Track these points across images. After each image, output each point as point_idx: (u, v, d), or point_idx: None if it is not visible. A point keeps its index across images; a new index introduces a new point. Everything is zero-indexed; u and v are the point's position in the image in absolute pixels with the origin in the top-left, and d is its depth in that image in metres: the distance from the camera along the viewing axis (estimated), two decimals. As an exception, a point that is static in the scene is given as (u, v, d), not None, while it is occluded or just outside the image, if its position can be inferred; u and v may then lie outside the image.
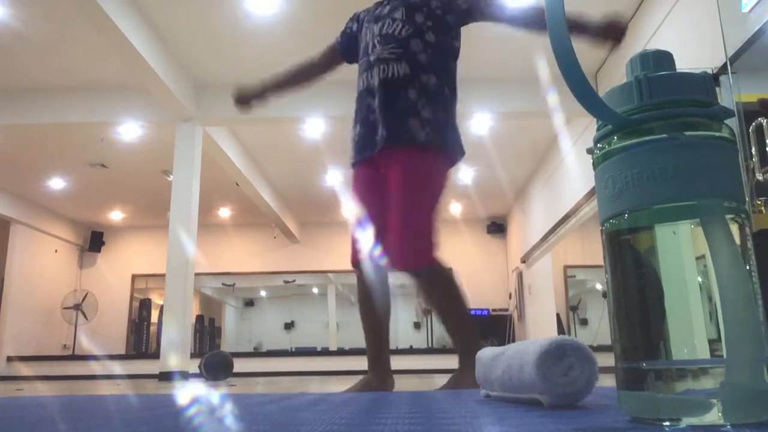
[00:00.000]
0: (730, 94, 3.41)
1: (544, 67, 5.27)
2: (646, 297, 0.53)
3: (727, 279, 0.49)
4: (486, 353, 0.95)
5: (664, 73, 0.55)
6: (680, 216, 0.51)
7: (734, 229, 0.51)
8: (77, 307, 9.99)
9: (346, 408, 0.90)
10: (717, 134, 0.53)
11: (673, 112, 0.52)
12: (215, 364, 5.58)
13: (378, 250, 1.96)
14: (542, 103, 5.55)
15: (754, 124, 3.21)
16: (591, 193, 5.91)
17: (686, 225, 0.51)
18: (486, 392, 0.97)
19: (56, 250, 10.09)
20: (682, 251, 0.52)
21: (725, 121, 0.54)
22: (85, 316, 10.03)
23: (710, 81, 0.55)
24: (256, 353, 11.33)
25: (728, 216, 0.51)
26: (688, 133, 0.52)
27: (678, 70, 0.56)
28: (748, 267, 0.50)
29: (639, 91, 0.54)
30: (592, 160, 0.59)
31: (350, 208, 2.10)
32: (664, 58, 0.56)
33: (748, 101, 3.34)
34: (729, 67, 3.42)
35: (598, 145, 0.57)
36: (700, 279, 0.51)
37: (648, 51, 0.57)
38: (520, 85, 5.84)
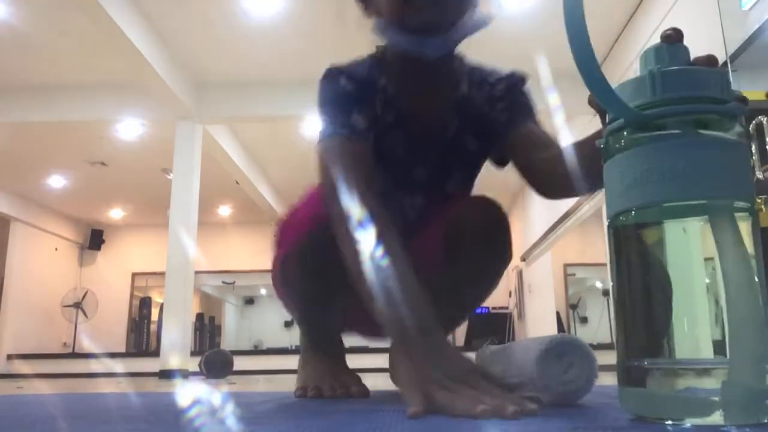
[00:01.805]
0: (730, 93, 3.41)
1: (545, 66, 5.27)
2: (652, 294, 0.52)
3: (734, 280, 0.49)
4: (486, 352, 0.95)
5: (678, 68, 0.53)
6: (689, 214, 0.51)
7: (744, 229, 0.51)
8: (77, 305, 9.99)
9: (346, 405, 0.90)
10: (730, 132, 0.52)
11: (687, 108, 0.51)
12: (215, 362, 5.58)
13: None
14: (542, 102, 5.55)
15: (754, 122, 3.21)
16: (591, 192, 5.89)
17: (695, 222, 0.51)
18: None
19: (56, 249, 10.09)
20: (691, 249, 0.52)
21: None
22: (85, 314, 10.03)
23: (726, 78, 0.54)
24: (256, 351, 11.33)
25: (738, 216, 0.51)
26: (701, 130, 0.51)
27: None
28: (755, 269, 0.50)
29: (652, 85, 0.53)
30: (601, 154, 0.58)
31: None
32: (678, 52, 0.55)
33: (749, 99, 3.33)
34: (729, 65, 3.41)
35: (609, 138, 0.57)
36: (707, 280, 0.50)
37: (663, 44, 0.56)
38: (520, 84, 5.83)
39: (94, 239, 10.64)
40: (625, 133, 0.54)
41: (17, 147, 7.21)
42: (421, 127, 1.06)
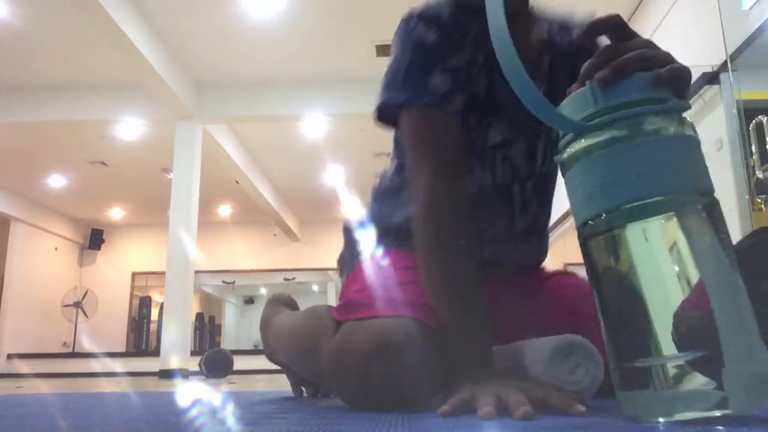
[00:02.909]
0: (730, 92, 3.41)
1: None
2: (628, 296, 0.53)
3: (710, 269, 0.50)
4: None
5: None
6: (653, 212, 0.52)
7: (707, 218, 0.52)
8: (77, 305, 9.99)
9: (346, 405, 0.90)
10: (676, 129, 0.53)
11: (629, 112, 0.53)
12: (215, 362, 5.58)
13: None
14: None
15: (754, 122, 3.21)
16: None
17: (658, 221, 0.52)
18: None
19: (56, 248, 10.09)
20: (656, 246, 0.53)
21: (683, 115, 0.55)
22: (85, 314, 10.03)
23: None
24: (257, 351, 11.32)
25: (699, 206, 0.52)
26: (646, 130, 0.53)
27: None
28: (726, 254, 0.51)
29: (593, 96, 0.55)
30: (559, 168, 0.59)
31: None
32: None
33: (749, 99, 3.33)
34: (729, 65, 3.41)
35: (563, 152, 0.58)
36: (676, 268, 0.51)
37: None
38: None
39: (94, 239, 10.64)
40: (577, 144, 0.56)
41: (17, 147, 7.21)
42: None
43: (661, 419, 0.50)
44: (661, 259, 0.52)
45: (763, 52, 3.27)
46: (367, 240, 1.04)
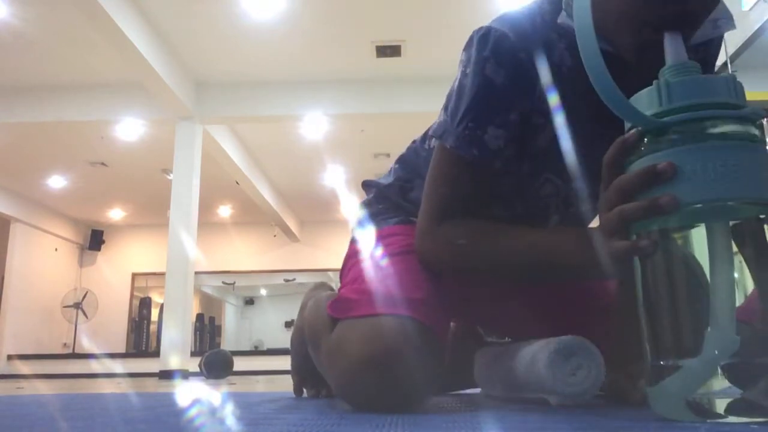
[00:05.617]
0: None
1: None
2: (688, 294, 0.52)
3: (764, 278, 0.49)
4: (488, 352, 0.95)
5: (692, 77, 0.55)
6: (713, 217, 0.51)
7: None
8: (77, 306, 9.98)
9: (346, 406, 0.90)
10: (747, 135, 0.53)
11: (703, 114, 0.52)
12: (215, 363, 5.58)
13: None
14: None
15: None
16: (591, 192, 5.88)
17: (720, 225, 0.51)
18: (486, 392, 0.97)
19: (56, 249, 10.08)
20: (721, 249, 0.52)
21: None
22: (85, 315, 10.02)
23: (740, 84, 0.55)
24: (257, 352, 11.33)
25: (762, 216, 0.51)
26: (718, 134, 0.52)
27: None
28: None
29: (668, 94, 0.54)
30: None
31: None
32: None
33: (749, 99, 3.34)
34: (729, 66, 3.42)
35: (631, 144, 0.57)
36: (736, 275, 0.51)
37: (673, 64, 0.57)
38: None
39: (94, 239, 10.63)
40: (644, 140, 0.55)
41: (17, 147, 7.21)
42: (596, 111, 0.78)
43: (694, 420, 0.50)
44: (722, 263, 0.51)
45: (763, 52, 3.27)
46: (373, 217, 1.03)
